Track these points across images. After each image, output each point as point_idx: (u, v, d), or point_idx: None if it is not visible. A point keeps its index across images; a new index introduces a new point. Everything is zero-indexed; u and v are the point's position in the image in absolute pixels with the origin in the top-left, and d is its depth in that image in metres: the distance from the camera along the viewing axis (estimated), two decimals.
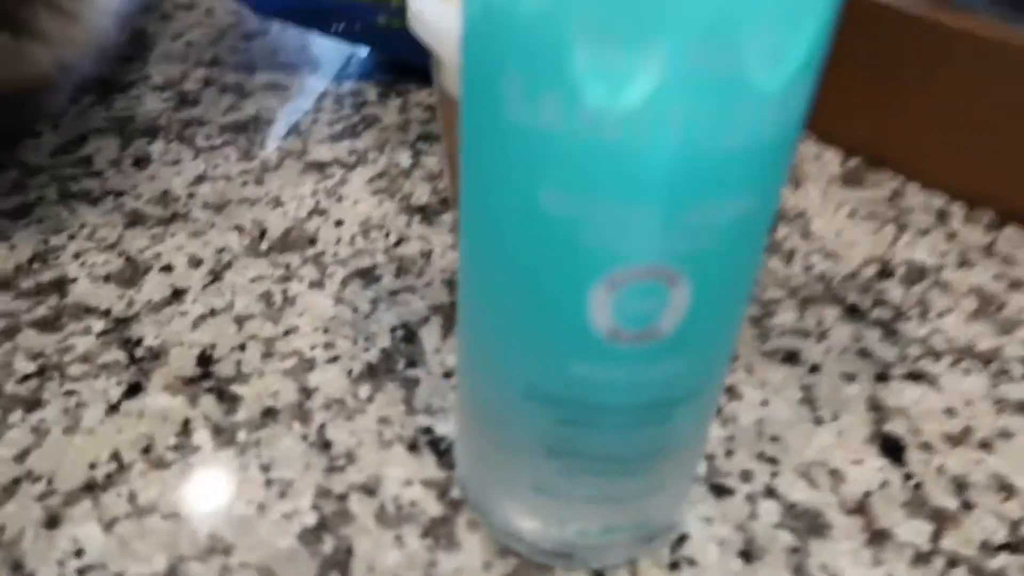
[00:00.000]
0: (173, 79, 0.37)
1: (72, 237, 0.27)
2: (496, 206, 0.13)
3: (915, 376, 0.24)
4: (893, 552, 0.19)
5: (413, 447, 0.21)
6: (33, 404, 0.21)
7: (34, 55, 0.22)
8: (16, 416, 0.21)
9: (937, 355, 0.25)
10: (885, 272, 0.28)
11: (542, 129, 0.12)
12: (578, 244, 0.13)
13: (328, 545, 0.18)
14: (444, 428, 0.21)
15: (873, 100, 0.33)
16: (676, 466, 0.17)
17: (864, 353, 0.25)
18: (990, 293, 0.27)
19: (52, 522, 0.18)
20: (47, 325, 0.24)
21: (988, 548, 0.19)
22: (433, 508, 0.19)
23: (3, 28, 0.21)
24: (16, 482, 0.19)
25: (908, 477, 0.21)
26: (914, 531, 0.19)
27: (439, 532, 0.19)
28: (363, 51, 0.41)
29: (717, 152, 0.12)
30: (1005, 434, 0.22)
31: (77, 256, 0.26)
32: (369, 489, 0.19)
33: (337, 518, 0.19)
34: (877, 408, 0.23)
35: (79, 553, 0.18)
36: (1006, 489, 0.21)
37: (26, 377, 0.22)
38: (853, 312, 0.26)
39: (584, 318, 0.14)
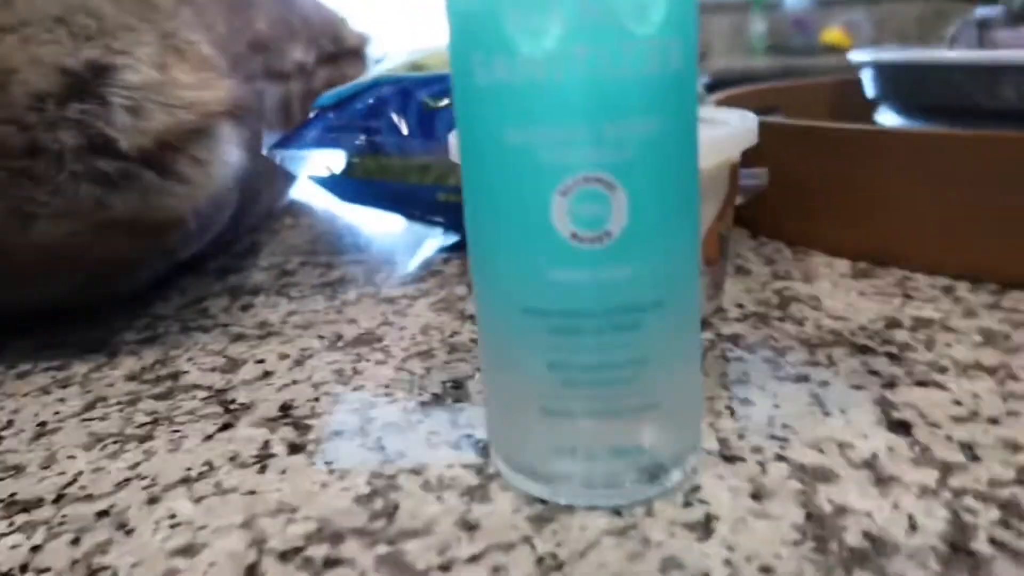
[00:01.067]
0: (277, 263, 0.45)
1: (187, 350, 0.33)
2: (477, 149, 0.18)
3: (923, 383, 0.26)
4: (900, 489, 0.20)
5: (456, 447, 0.24)
6: (145, 438, 0.25)
7: (172, 193, 0.30)
8: (131, 445, 0.25)
9: (943, 369, 0.26)
10: (892, 325, 0.30)
11: (497, 83, 0.17)
12: (535, 163, 0.18)
13: (378, 504, 0.21)
14: (484, 434, 0.24)
15: (868, 212, 0.37)
16: (667, 388, 0.19)
17: (872, 372, 0.27)
18: (996, 331, 0.29)
19: (152, 501, 0.22)
20: (162, 397, 0.28)
21: (997, 483, 0.20)
22: (471, 480, 0.22)
23: (152, 168, 0.29)
24: (127, 480, 0.23)
25: (915, 444, 0.22)
26: (921, 475, 0.21)
27: (474, 493, 0.21)
28: (435, 231, 0.49)
29: (617, 81, 0.17)
30: (1013, 413, 0.23)
31: (190, 360, 0.32)
32: (416, 471, 0.22)
33: (387, 489, 0.21)
34: (885, 404, 0.24)
35: (172, 516, 0.21)
36: (1012, 447, 0.22)
37: (142, 424, 0.26)
38: (862, 349, 0.28)
39: (550, 225, 0.18)
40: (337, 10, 0.73)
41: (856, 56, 0.44)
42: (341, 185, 0.44)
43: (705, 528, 0.19)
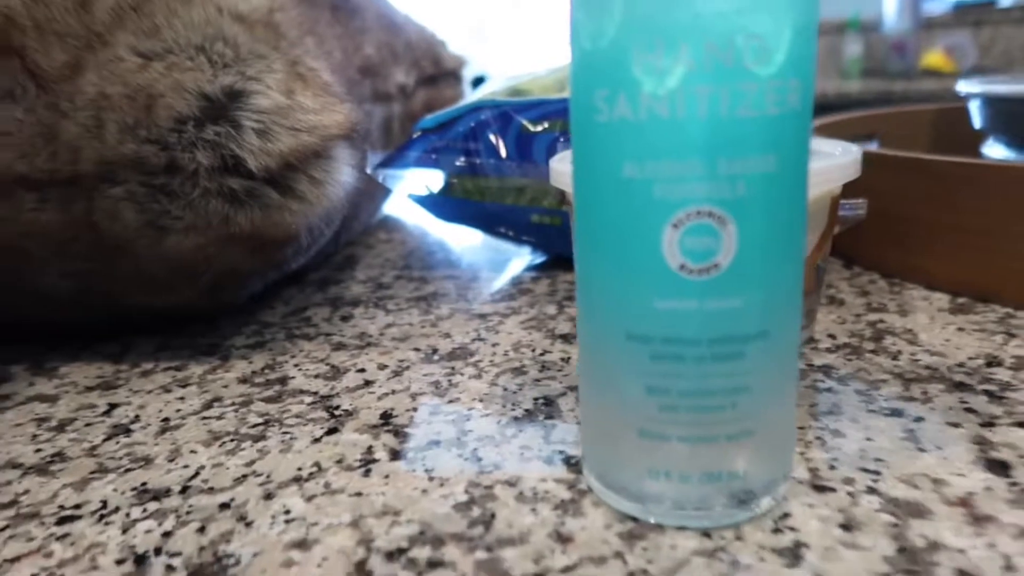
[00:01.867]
0: (373, 276, 0.47)
1: (293, 356, 0.35)
2: (593, 181, 0.19)
3: None
4: (996, 528, 0.20)
5: (549, 462, 0.25)
6: (259, 438, 0.27)
7: (291, 211, 0.32)
8: (247, 444, 0.27)
9: None
10: (993, 363, 0.30)
11: (619, 120, 0.18)
12: (649, 196, 0.18)
13: (475, 512, 0.22)
14: (574, 451, 0.25)
15: (970, 246, 0.37)
16: (765, 417, 0.20)
17: (969, 410, 0.26)
18: None
19: (268, 497, 0.23)
20: (272, 400, 0.30)
21: None
22: (563, 494, 0.23)
23: (274, 187, 0.32)
24: (244, 476, 0.25)
25: (1015, 484, 0.22)
26: (1019, 517, 0.20)
27: (567, 507, 0.22)
28: (523, 249, 0.50)
29: (736, 119, 0.18)
30: None
31: (296, 366, 0.34)
32: (511, 483, 0.23)
33: (484, 498, 0.23)
34: (983, 443, 0.24)
35: (287, 512, 0.23)
36: None
37: (255, 425, 0.28)
38: (959, 386, 0.28)
39: (660, 256, 0.19)
40: (436, 33, 0.76)
41: (964, 87, 0.43)
42: (439, 204, 0.46)
43: (794, 555, 0.19)
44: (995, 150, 0.43)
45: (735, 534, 0.20)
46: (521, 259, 0.49)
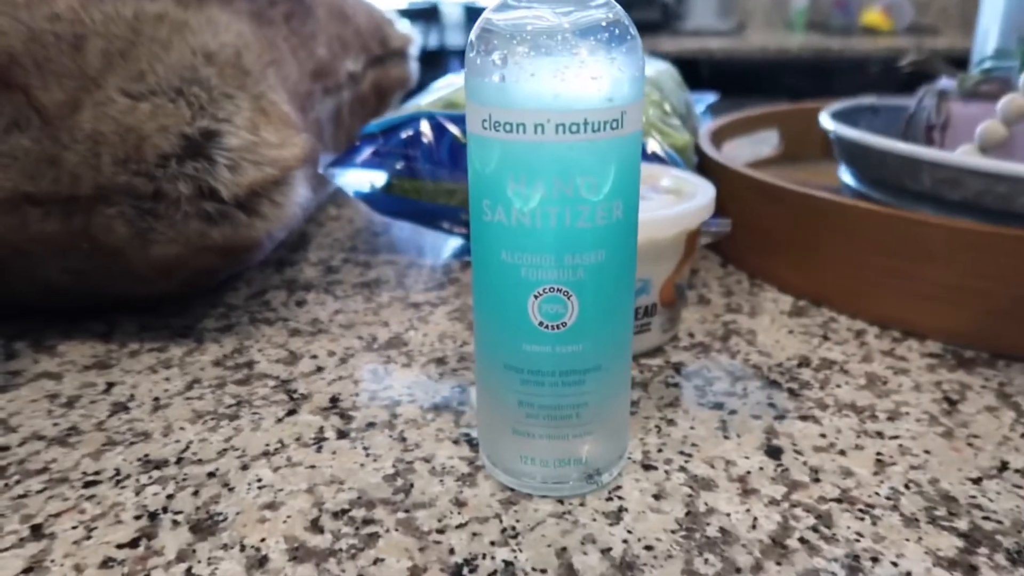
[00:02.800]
0: (324, 258, 0.54)
1: (257, 341, 0.42)
2: (482, 261, 0.27)
3: (805, 417, 0.34)
4: (756, 498, 0.29)
5: (456, 442, 0.33)
6: (234, 417, 0.35)
7: (255, 227, 0.39)
8: (224, 422, 0.35)
9: (825, 407, 0.35)
10: (803, 364, 0.39)
11: (498, 223, 0.26)
12: (518, 276, 0.26)
13: (400, 482, 0.30)
14: (475, 433, 0.33)
15: (808, 259, 0.46)
16: (600, 421, 0.28)
17: (771, 404, 0.35)
18: (879, 375, 0.38)
19: (244, 468, 0.31)
20: (242, 383, 0.38)
21: (823, 500, 0.29)
22: (464, 469, 0.31)
23: (242, 209, 0.38)
24: (225, 450, 0.33)
25: (779, 465, 0.31)
26: (773, 490, 0.30)
27: (466, 479, 0.30)
28: (455, 240, 0.57)
29: (576, 228, 0.26)
30: (859, 447, 0.32)
31: (260, 351, 0.41)
32: (426, 459, 0.32)
33: (406, 471, 0.31)
34: (771, 432, 0.33)
35: (259, 480, 0.31)
36: (846, 473, 0.31)
37: (230, 405, 0.36)
38: (771, 384, 0.37)
39: (526, 316, 0.27)
40: (383, 11, 0.81)
41: (824, 121, 0.52)
42: (381, 200, 0.53)
43: (617, 516, 0.28)
44: (847, 176, 0.52)
45: (580, 501, 0.29)
46: (452, 242, 0.57)
